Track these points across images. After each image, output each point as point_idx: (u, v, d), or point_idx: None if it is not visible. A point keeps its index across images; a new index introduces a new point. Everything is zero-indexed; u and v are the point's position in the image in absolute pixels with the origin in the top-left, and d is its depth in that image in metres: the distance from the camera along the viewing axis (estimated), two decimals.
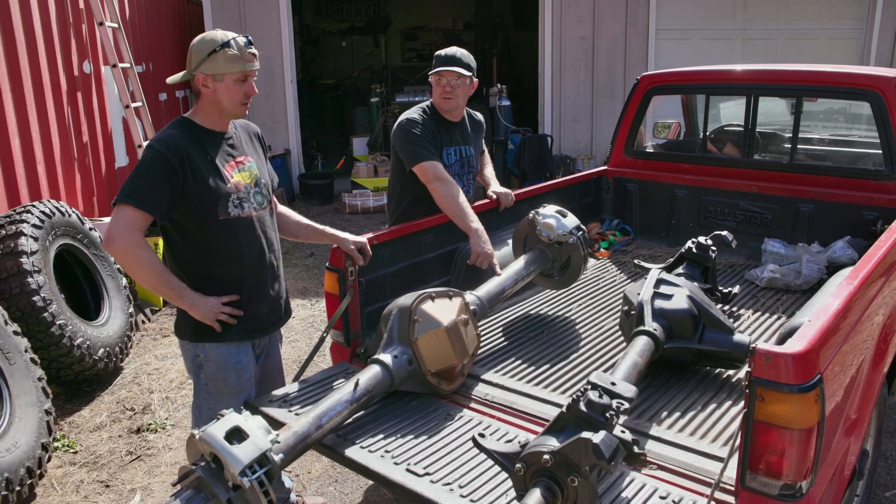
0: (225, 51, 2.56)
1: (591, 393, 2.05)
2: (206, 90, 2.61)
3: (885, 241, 2.91)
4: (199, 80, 2.59)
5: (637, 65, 10.07)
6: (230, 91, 2.61)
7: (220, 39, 2.57)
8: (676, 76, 4.99)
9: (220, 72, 2.57)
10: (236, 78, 2.60)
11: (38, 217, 4.60)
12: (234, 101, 2.63)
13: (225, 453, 2.02)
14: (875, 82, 3.99)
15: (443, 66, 3.53)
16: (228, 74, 2.58)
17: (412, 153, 3.52)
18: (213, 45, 2.56)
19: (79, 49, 6.45)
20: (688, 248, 3.52)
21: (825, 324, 2.10)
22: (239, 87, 2.62)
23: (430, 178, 3.48)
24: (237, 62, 2.58)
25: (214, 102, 2.63)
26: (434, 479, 2.25)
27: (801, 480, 2.00)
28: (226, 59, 2.56)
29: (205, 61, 2.56)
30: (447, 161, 3.62)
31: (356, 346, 3.18)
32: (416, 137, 3.52)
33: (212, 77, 2.58)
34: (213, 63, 2.56)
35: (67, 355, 4.37)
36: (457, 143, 3.69)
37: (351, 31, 18.27)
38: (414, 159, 3.51)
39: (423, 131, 3.54)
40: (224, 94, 2.61)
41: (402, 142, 3.57)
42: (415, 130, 3.53)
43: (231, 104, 2.63)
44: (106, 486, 3.74)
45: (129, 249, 2.51)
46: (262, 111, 9.97)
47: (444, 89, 3.56)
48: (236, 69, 2.58)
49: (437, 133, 3.61)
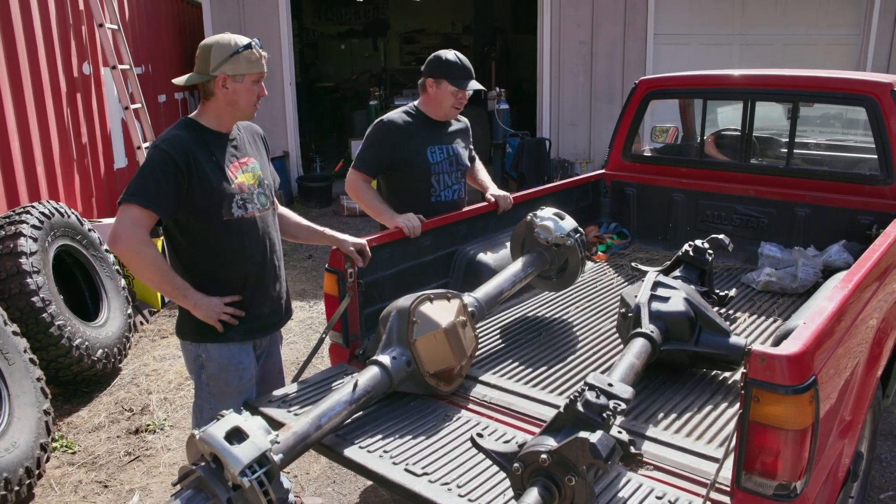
0: (247, 52, 2.62)
1: (588, 393, 2.07)
2: (224, 91, 2.64)
3: (879, 246, 2.93)
4: (218, 80, 2.62)
5: (635, 69, 10.10)
6: (248, 92, 2.67)
7: (242, 42, 2.63)
8: (674, 81, 5.02)
9: (243, 72, 2.63)
10: (254, 79, 2.67)
11: (37, 218, 4.62)
12: (250, 101, 2.70)
13: (225, 453, 2.03)
14: (871, 88, 4.02)
15: (468, 83, 3.57)
16: (249, 75, 2.64)
17: (357, 156, 3.68)
18: (236, 46, 2.61)
19: (78, 51, 6.46)
20: (685, 252, 3.54)
21: (820, 326, 2.12)
22: (255, 88, 2.69)
23: (350, 185, 3.67)
24: (257, 64, 2.66)
25: (232, 104, 2.67)
26: (432, 478, 2.26)
27: (795, 481, 2.02)
28: (248, 61, 2.63)
29: (227, 62, 2.60)
30: (433, 159, 3.64)
31: (355, 347, 3.20)
32: (370, 143, 3.64)
33: (232, 78, 2.62)
34: (234, 64, 2.61)
35: (66, 356, 4.38)
36: (442, 142, 3.71)
37: (350, 34, 18.28)
38: (354, 161, 3.67)
39: (387, 141, 3.60)
40: (243, 94, 2.66)
41: (365, 138, 3.71)
42: (375, 137, 3.64)
43: (247, 105, 2.70)
44: (104, 487, 3.75)
45: (134, 248, 2.53)
46: (261, 114, 9.74)
47: (459, 101, 3.62)
48: (256, 70, 2.66)
49: (421, 133, 3.63)
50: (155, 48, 8.96)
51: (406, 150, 3.60)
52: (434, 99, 3.62)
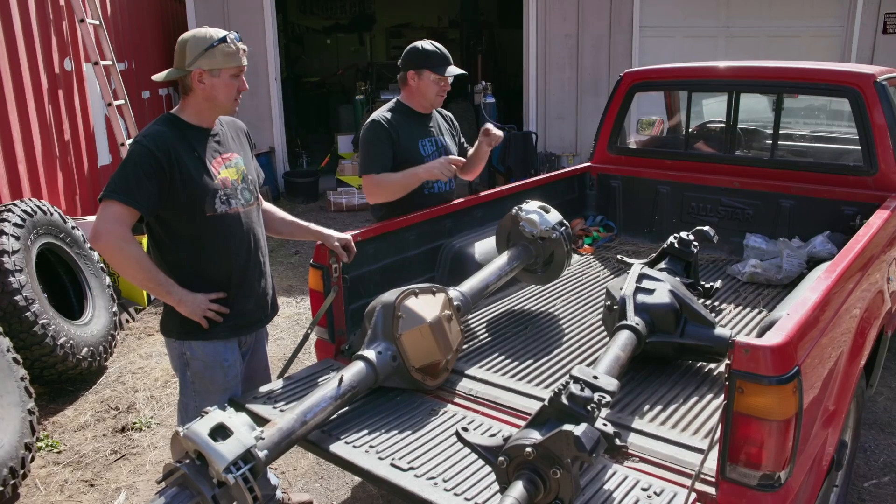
0: (222, 46, 2.58)
1: (573, 386, 2.07)
2: (201, 86, 2.61)
3: (862, 236, 2.95)
4: (195, 75, 2.59)
5: (621, 62, 10.11)
6: (226, 86, 2.63)
7: (217, 35, 2.60)
8: (659, 73, 5.03)
9: (218, 67, 2.59)
10: (232, 73, 2.63)
11: (19, 216, 4.57)
12: (229, 96, 2.66)
13: (209, 450, 2.02)
14: (854, 79, 4.04)
15: (449, 68, 3.57)
16: (225, 69, 2.60)
17: (363, 162, 3.61)
18: (211, 40, 2.58)
19: (59, 46, 6.39)
20: (670, 244, 3.55)
21: (803, 317, 2.13)
22: (234, 82, 2.65)
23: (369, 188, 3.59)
24: (234, 57, 2.61)
25: (210, 98, 2.64)
26: (418, 473, 2.26)
27: (779, 471, 2.03)
28: (223, 55, 2.59)
29: (202, 56, 2.57)
30: (424, 152, 3.64)
31: (341, 342, 3.19)
32: (373, 142, 3.57)
33: (209, 72, 2.59)
34: (210, 58, 2.57)
35: (50, 355, 4.35)
36: (432, 135, 3.72)
37: (336, 28, 18.19)
38: (362, 168, 3.61)
39: (386, 137, 3.55)
40: (221, 89, 2.62)
41: (361, 144, 3.66)
42: (376, 136, 3.57)
43: (226, 100, 2.66)
44: (90, 486, 3.72)
45: (116, 245, 2.51)
46: (246, 109, 9.82)
47: (442, 89, 3.63)
48: (233, 64, 2.61)
49: (410, 128, 3.63)
50: (138, 44, 8.88)
51: (400, 145, 3.60)
52: (418, 91, 3.62)
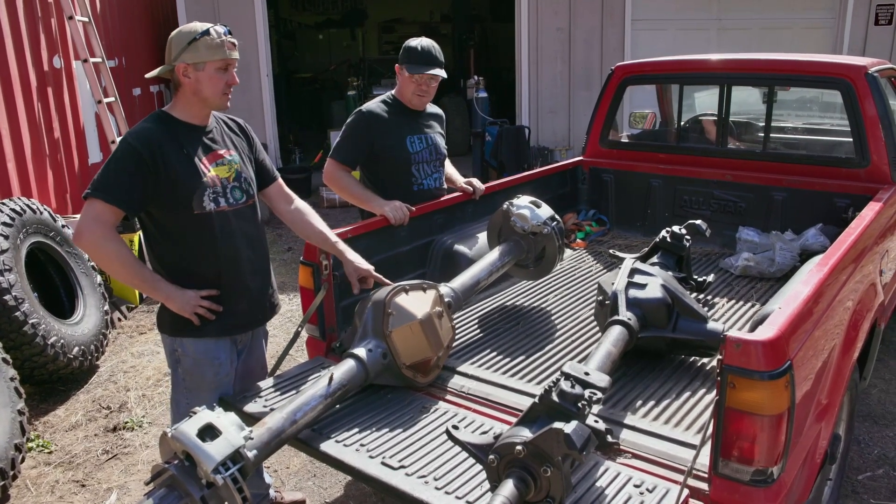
0: (205, 39, 2.54)
1: (563, 383, 2.06)
2: (187, 80, 2.57)
3: (855, 229, 2.94)
4: (179, 70, 2.55)
5: (614, 55, 10.09)
6: (212, 80, 2.58)
7: (200, 28, 2.56)
8: (650, 66, 5.00)
9: (202, 60, 2.54)
10: (218, 66, 2.57)
11: (7, 215, 4.53)
12: (216, 90, 2.60)
13: (197, 451, 2.00)
14: (845, 71, 4.03)
15: (423, 67, 3.51)
16: (210, 63, 2.55)
17: (336, 146, 3.65)
18: (193, 33, 2.54)
19: (48, 44, 6.34)
20: (662, 238, 3.53)
21: (795, 311, 2.12)
22: (221, 76, 2.59)
23: (328, 174, 3.64)
24: (218, 50, 2.56)
25: (196, 93, 2.59)
26: (409, 471, 2.24)
27: (772, 466, 2.02)
28: (206, 47, 2.54)
29: (185, 50, 2.53)
30: (412, 148, 3.62)
31: (332, 340, 3.17)
32: (349, 134, 3.61)
33: (193, 66, 2.54)
34: (193, 52, 2.53)
35: (41, 354, 4.31)
36: (421, 131, 3.69)
37: (328, 24, 18.14)
38: (332, 151, 3.65)
39: (364, 129, 3.57)
40: (206, 83, 2.57)
41: (342, 129, 3.67)
42: (354, 127, 3.60)
43: (213, 94, 2.60)
44: (82, 486, 3.70)
45: (97, 243, 2.50)
46: (238, 105, 9.80)
47: (419, 88, 3.57)
48: (217, 57, 2.56)
49: (398, 122, 3.61)
50: (128, 41, 8.82)
51: (386, 139, 3.57)
52: (401, 86, 3.61)
